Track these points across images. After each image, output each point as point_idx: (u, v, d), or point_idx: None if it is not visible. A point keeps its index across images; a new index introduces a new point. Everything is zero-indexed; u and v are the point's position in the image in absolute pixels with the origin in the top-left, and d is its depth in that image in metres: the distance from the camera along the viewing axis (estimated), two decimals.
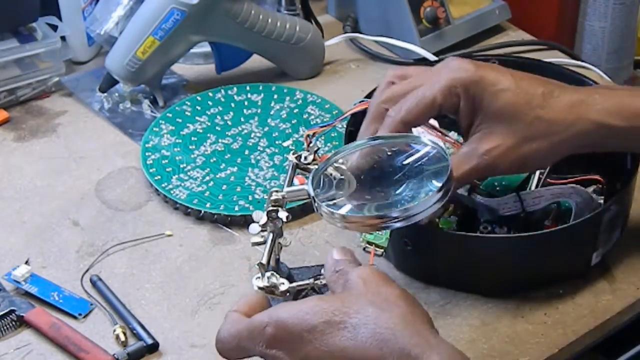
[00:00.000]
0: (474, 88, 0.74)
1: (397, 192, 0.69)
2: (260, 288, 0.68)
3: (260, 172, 0.94)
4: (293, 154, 0.75)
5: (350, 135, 0.86)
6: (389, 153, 0.72)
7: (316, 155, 0.75)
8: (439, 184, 0.67)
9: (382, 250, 0.82)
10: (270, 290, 0.68)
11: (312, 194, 0.69)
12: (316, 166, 0.72)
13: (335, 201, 0.69)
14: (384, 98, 0.76)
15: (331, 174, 0.71)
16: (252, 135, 1.00)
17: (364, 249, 0.84)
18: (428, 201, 0.66)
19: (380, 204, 0.68)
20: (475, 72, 0.74)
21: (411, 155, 0.71)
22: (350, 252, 0.66)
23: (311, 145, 0.76)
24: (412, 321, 0.58)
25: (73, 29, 1.11)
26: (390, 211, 0.66)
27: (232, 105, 1.04)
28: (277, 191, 0.71)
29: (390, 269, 0.83)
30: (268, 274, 0.68)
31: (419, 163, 0.70)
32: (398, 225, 0.66)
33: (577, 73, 0.94)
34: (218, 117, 1.03)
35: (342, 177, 0.71)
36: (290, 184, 0.74)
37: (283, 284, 0.68)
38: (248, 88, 1.07)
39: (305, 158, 0.75)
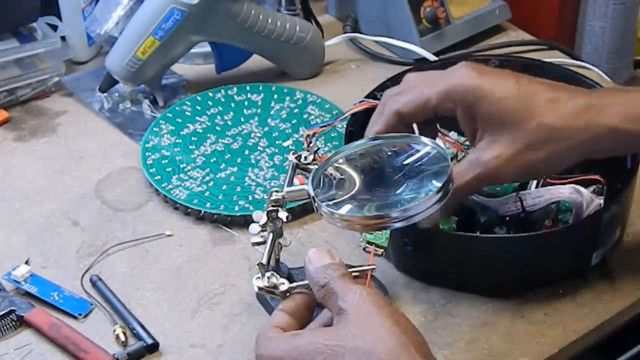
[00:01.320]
0: (471, 96, 0.73)
1: (397, 192, 0.69)
2: (260, 288, 0.68)
3: (260, 172, 0.94)
4: (293, 154, 0.75)
5: (350, 135, 0.86)
6: (389, 153, 0.72)
7: (316, 155, 0.75)
8: (439, 184, 0.67)
9: (382, 250, 0.82)
10: (271, 290, 0.68)
11: (312, 194, 0.69)
12: (316, 166, 0.72)
13: (335, 201, 0.69)
14: (391, 92, 0.77)
15: (331, 174, 0.71)
16: (252, 135, 1.00)
17: (364, 249, 0.83)
18: (428, 201, 0.66)
19: (380, 204, 0.68)
20: (475, 80, 0.73)
21: (411, 155, 0.71)
22: (328, 252, 0.66)
23: (311, 145, 0.76)
24: (400, 357, 0.59)
25: (73, 29, 1.11)
26: (390, 211, 0.66)
27: (232, 105, 1.04)
28: (277, 191, 0.71)
29: (390, 269, 0.83)
30: (268, 274, 0.68)
31: (419, 163, 0.70)
32: (398, 225, 0.66)
33: (577, 73, 0.94)
34: (218, 117, 1.03)
35: (342, 177, 0.71)
36: (290, 184, 0.74)
37: (283, 284, 0.68)
38: (248, 88, 1.07)
39: (305, 158, 0.75)
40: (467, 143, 0.90)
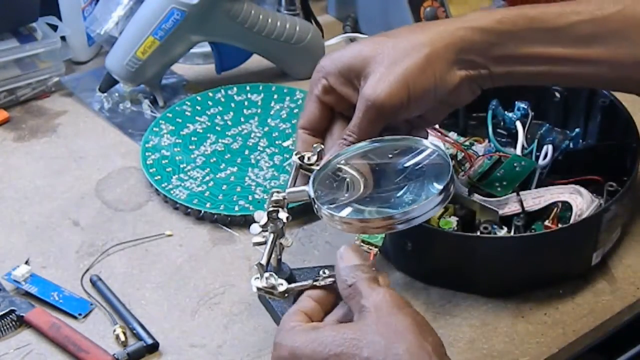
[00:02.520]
0: (331, 65, 0.75)
1: (398, 194, 0.69)
2: (259, 289, 0.68)
3: (260, 172, 0.94)
4: (296, 154, 0.75)
5: None
6: (390, 156, 0.72)
7: (319, 156, 0.75)
8: (440, 187, 0.67)
9: (376, 249, 0.82)
10: (269, 290, 0.68)
11: (312, 195, 0.69)
12: (319, 167, 0.72)
13: (335, 203, 0.69)
14: None
15: (332, 176, 0.71)
16: (252, 135, 1.00)
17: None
18: (429, 204, 0.66)
19: (381, 206, 0.68)
20: (331, 55, 0.76)
21: (412, 157, 0.71)
22: (360, 250, 0.67)
23: (314, 145, 0.76)
24: (418, 354, 0.59)
25: (73, 29, 1.11)
26: (391, 214, 0.66)
27: (232, 105, 1.04)
28: (278, 192, 0.71)
29: (390, 269, 0.83)
30: (266, 274, 0.68)
31: (420, 166, 0.70)
32: (399, 228, 0.66)
33: None
34: (218, 117, 1.03)
35: (343, 179, 0.71)
36: (294, 184, 0.74)
37: (282, 284, 0.68)
38: (248, 88, 1.07)
39: (309, 159, 0.75)
40: (466, 143, 0.90)
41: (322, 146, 0.75)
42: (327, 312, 0.66)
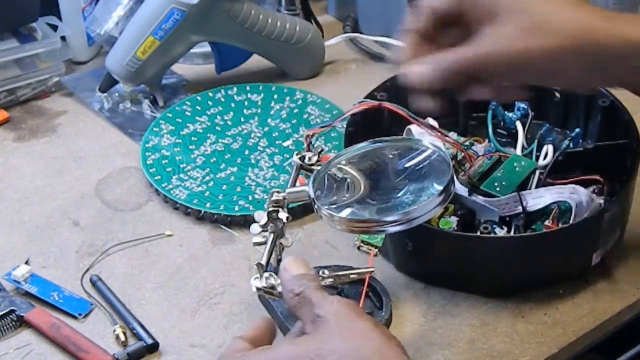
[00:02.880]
0: None
1: (398, 195, 0.69)
2: (258, 289, 0.68)
3: (260, 172, 0.94)
4: (297, 154, 0.75)
5: (350, 136, 0.86)
6: (390, 156, 0.72)
7: (320, 156, 0.75)
8: (440, 188, 0.67)
9: (376, 250, 0.82)
10: (269, 291, 0.68)
11: (312, 195, 0.69)
12: (320, 167, 0.72)
13: (336, 204, 0.69)
14: None
15: (332, 176, 0.71)
16: (252, 135, 1.00)
17: (358, 247, 0.84)
18: (429, 204, 0.66)
19: (381, 207, 0.68)
20: None
21: (413, 158, 0.71)
22: (304, 262, 0.64)
23: (316, 146, 0.76)
24: (387, 355, 0.57)
25: (73, 29, 1.11)
26: (391, 214, 0.66)
27: (232, 105, 1.04)
28: (278, 192, 0.71)
29: (390, 269, 0.83)
30: (266, 274, 0.68)
31: (421, 166, 0.70)
32: (399, 228, 0.66)
33: None
34: (218, 117, 1.03)
35: (344, 179, 0.71)
36: (294, 184, 0.74)
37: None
38: (248, 88, 1.07)
39: (310, 159, 0.75)
40: (466, 143, 0.90)
41: (323, 147, 0.75)
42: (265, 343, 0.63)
